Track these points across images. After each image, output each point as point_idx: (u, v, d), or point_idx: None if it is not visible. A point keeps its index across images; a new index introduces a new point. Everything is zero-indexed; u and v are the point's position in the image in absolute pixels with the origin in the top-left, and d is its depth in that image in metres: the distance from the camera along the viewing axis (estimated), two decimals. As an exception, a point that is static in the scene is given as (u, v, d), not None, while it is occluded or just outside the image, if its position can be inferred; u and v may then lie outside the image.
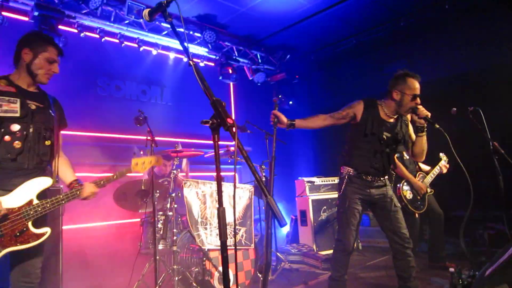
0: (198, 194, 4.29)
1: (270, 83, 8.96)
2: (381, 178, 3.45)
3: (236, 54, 8.02)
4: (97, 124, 6.15)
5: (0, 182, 2.44)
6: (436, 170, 5.08)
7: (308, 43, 8.29)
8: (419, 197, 4.81)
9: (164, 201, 4.55)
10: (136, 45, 6.60)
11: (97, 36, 6.11)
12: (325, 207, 6.74)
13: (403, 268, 3.33)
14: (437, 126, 3.16)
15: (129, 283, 4.08)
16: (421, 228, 5.25)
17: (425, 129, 3.32)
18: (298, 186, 7.06)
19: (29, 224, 2.43)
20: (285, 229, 7.68)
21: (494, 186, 4.05)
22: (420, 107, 3.29)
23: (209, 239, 4.20)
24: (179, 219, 4.68)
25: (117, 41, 6.36)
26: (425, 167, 5.20)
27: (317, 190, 6.91)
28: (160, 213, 4.47)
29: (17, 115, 2.49)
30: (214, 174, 4.78)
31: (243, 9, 6.66)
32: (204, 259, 4.04)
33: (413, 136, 3.54)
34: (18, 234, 2.37)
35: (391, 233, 3.38)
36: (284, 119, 3.30)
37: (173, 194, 4.39)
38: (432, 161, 5.20)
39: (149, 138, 4.31)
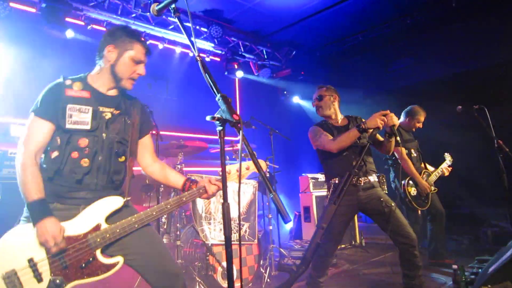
0: (202, 189, 4.30)
1: (275, 79, 8.95)
2: (367, 178, 3.46)
3: (242, 50, 8.01)
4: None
5: (62, 195, 2.13)
6: (439, 171, 5.07)
7: (314, 39, 8.27)
8: (423, 196, 4.79)
9: (168, 196, 4.57)
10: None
11: (104, 29, 6.13)
12: (328, 203, 6.73)
13: (409, 267, 3.32)
14: (397, 139, 3.21)
15: (133, 277, 4.10)
16: (424, 225, 5.25)
17: (394, 135, 3.29)
18: (302, 182, 7.07)
19: (97, 253, 2.08)
20: (289, 225, 7.70)
21: (498, 184, 4.05)
22: (390, 115, 3.26)
23: (213, 234, 4.22)
24: (183, 214, 4.70)
25: (123, 34, 6.34)
26: (430, 168, 5.18)
27: (321, 186, 6.92)
28: (164, 207, 4.49)
29: (88, 127, 2.14)
30: (218, 169, 4.79)
31: (250, 4, 6.65)
32: (208, 254, 4.06)
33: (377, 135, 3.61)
34: (84, 265, 2.04)
35: (393, 233, 3.36)
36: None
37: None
38: (438, 160, 5.20)
39: (154, 132, 4.33)
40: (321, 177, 6.98)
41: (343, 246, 6.55)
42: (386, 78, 8.12)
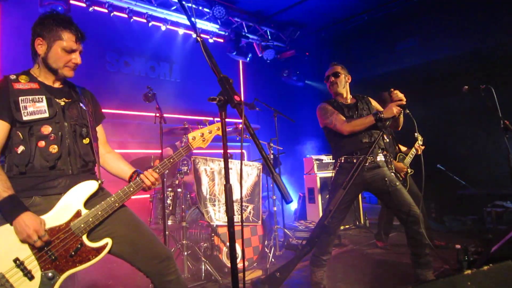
0: (206, 171, 4.33)
1: (279, 60, 8.87)
2: (372, 158, 3.44)
3: (246, 31, 7.92)
4: (105, 100, 6.12)
5: (39, 186, 2.08)
6: (413, 151, 5.05)
7: (319, 19, 8.15)
8: (400, 178, 4.79)
9: (173, 178, 4.60)
10: (145, 20, 6.56)
11: (106, 10, 6.07)
12: (333, 185, 6.77)
13: (414, 245, 3.35)
14: (408, 112, 3.24)
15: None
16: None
17: (402, 112, 3.36)
18: (306, 163, 7.09)
19: (84, 238, 2.06)
20: (293, 206, 7.76)
21: (503, 164, 4.03)
22: (394, 91, 3.30)
23: (218, 216, 4.26)
24: (188, 196, 4.74)
25: (126, 16, 6.32)
26: (403, 148, 5.17)
27: (325, 168, 6.94)
28: (169, 189, 4.53)
29: (46, 115, 2.10)
30: (222, 151, 4.81)
31: (253, -17, 6.55)
32: (213, 234, 4.12)
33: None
34: (73, 253, 2.02)
35: (397, 211, 3.39)
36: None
37: (182, 171, 4.44)
38: (410, 141, 5.16)
39: (157, 114, 4.33)
40: (326, 158, 6.99)
41: (347, 226, 6.61)
42: (392, 58, 8.02)
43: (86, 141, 2.26)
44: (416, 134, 5.09)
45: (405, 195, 3.36)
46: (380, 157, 3.52)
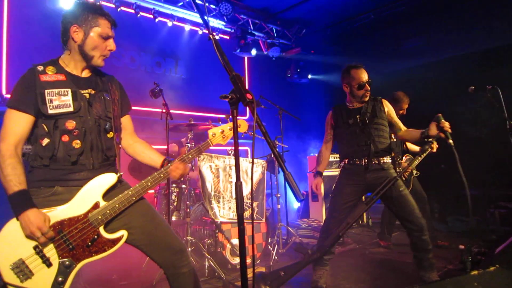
0: (211, 168, 4.34)
1: (285, 58, 8.86)
2: (376, 160, 3.44)
3: (252, 28, 7.91)
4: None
5: (61, 177, 2.11)
6: (422, 155, 5.01)
7: (325, 17, 8.13)
8: (404, 178, 4.76)
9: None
10: (151, 16, 6.56)
11: (113, 6, 6.07)
12: (336, 183, 6.77)
13: (417, 250, 3.34)
14: (450, 142, 2.95)
15: (142, 253, 4.19)
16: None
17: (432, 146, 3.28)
18: (310, 162, 7.10)
19: (101, 230, 2.11)
20: (296, 205, 7.77)
21: (508, 165, 4.02)
22: (443, 121, 3.06)
23: (222, 212, 4.28)
24: (193, 192, 4.76)
25: (133, 11, 6.32)
26: (414, 147, 5.10)
27: (329, 166, 6.93)
28: (174, 185, 4.55)
29: (71, 109, 2.11)
30: (227, 148, 4.80)
31: (259, -19, 6.53)
32: (217, 231, 4.13)
33: (395, 119, 3.60)
34: (90, 243, 2.08)
35: (400, 218, 3.38)
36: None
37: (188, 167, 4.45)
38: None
39: (164, 110, 4.34)
40: (330, 157, 7.00)
41: (350, 225, 6.60)
42: (398, 57, 8.00)
43: (110, 135, 2.27)
44: (431, 139, 5.03)
45: (409, 202, 3.30)
46: (387, 159, 3.49)
